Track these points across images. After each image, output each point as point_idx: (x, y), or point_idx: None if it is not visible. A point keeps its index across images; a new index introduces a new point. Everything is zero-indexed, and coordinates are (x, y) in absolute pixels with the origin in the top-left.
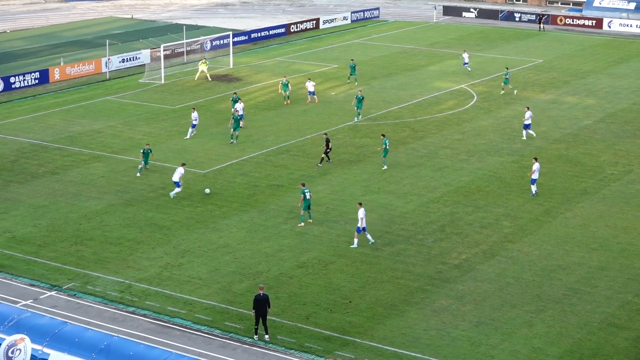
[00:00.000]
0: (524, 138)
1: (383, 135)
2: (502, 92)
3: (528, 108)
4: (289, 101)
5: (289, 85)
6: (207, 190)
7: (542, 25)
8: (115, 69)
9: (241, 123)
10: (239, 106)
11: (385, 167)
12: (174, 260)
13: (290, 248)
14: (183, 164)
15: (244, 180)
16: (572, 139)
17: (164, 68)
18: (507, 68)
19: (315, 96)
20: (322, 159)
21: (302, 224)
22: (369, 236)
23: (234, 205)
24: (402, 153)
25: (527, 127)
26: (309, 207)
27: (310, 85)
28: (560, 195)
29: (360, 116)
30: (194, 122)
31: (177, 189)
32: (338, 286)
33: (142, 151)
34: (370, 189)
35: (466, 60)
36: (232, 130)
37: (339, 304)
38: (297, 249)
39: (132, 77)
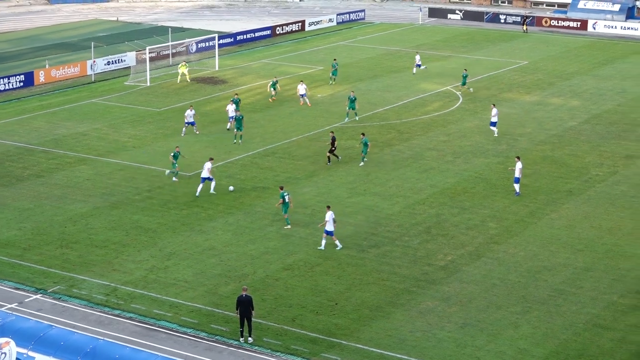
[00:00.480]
0: (496, 135)
1: (363, 134)
2: (460, 92)
3: (494, 105)
4: (274, 98)
5: (278, 84)
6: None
7: (525, 27)
8: (100, 71)
9: (228, 125)
10: (230, 107)
11: (362, 163)
12: (159, 263)
13: (276, 250)
14: (211, 159)
15: (229, 182)
16: (557, 140)
17: (150, 70)
18: (465, 70)
19: (307, 99)
20: (329, 157)
21: (289, 226)
22: (337, 241)
23: (220, 208)
24: (387, 155)
25: (493, 124)
26: (287, 210)
27: (302, 88)
28: (546, 197)
29: (357, 116)
30: (189, 120)
31: (213, 183)
32: (324, 288)
33: (172, 154)
34: (356, 191)
35: (418, 62)
36: (235, 130)
37: (325, 306)
38: (282, 251)
39: (117, 80)
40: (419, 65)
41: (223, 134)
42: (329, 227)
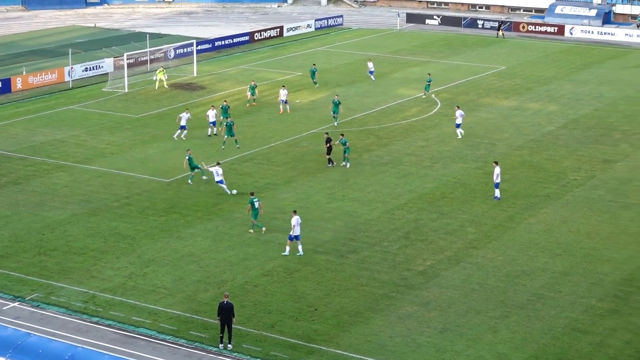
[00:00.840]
0: (460, 137)
1: (342, 135)
2: (424, 96)
3: (458, 107)
4: (254, 104)
5: (256, 89)
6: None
7: (501, 32)
8: (78, 77)
9: (209, 130)
10: (211, 113)
11: (348, 165)
12: (138, 269)
13: (255, 256)
14: (218, 163)
15: (208, 188)
16: (535, 145)
17: (128, 77)
18: (429, 74)
19: (287, 105)
20: (330, 159)
21: (264, 228)
22: (299, 247)
23: (199, 214)
24: (366, 160)
25: (458, 126)
26: (256, 216)
27: (283, 94)
28: (524, 201)
29: (336, 122)
30: (184, 124)
31: (224, 187)
32: (303, 294)
33: (187, 158)
34: (335, 197)
35: (371, 69)
36: (225, 136)
37: (305, 311)
38: (262, 257)
39: (95, 86)
40: (371, 72)
41: (202, 140)
42: (296, 231)
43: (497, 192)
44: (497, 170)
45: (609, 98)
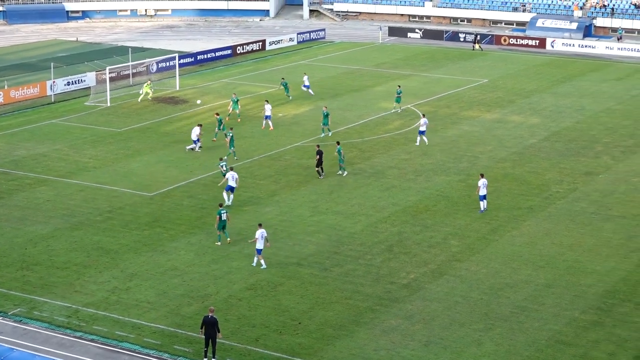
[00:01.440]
0: (417, 144)
1: (338, 143)
2: (394, 110)
3: (424, 115)
4: (239, 120)
5: (239, 102)
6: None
7: (478, 45)
8: (60, 91)
9: (194, 146)
10: (196, 130)
11: (345, 173)
12: (121, 284)
13: (238, 270)
14: (231, 168)
15: (191, 202)
16: (518, 157)
17: (110, 90)
18: (399, 86)
19: (270, 122)
20: (318, 171)
21: (219, 243)
22: (262, 261)
23: (182, 228)
24: (349, 173)
25: (422, 133)
26: (224, 227)
27: (267, 109)
28: (507, 214)
29: (329, 132)
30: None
31: (228, 198)
32: (287, 307)
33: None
34: (318, 210)
35: (306, 83)
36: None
37: (288, 325)
38: (245, 271)
39: (77, 100)
40: (307, 87)
41: (185, 154)
42: (259, 245)
43: (482, 205)
44: (481, 182)
45: (590, 110)
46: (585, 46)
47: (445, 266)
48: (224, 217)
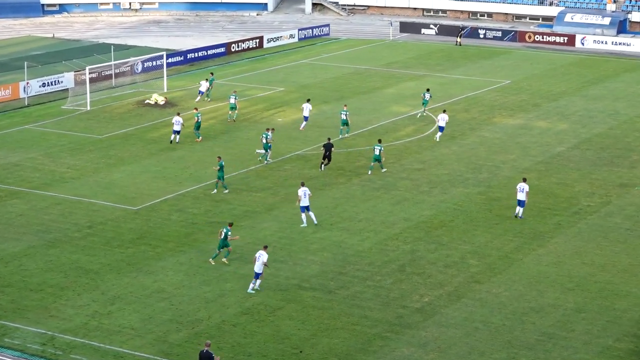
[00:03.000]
0: (437, 139)
1: (379, 141)
2: (420, 115)
3: (444, 111)
4: (234, 120)
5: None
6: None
7: (459, 39)
8: (34, 94)
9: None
10: (177, 119)
11: (370, 172)
12: (102, 308)
13: (233, 292)
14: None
15: (180, 217)
16: (544, 167)
17: (90, 93)
18: (428, 89)
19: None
20: (322, 163)
21: (212, 260)
22: (256, 284)
23: (170, 246)
24: (356, 185)
25: (441, 129)
26: (225, 247)
27: (306, 108)
28: (532, 230)
29: (341, 135)
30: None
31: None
32: (287, 334)
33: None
34: (322, 226)
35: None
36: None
37: (289, 354)
38: (240, 294)
39: (54, 104)
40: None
41: (172, 163)
42: (256, 268)
43: (520, 211)
44: (519, 185)
45: (624, 115)
46: (619, 44)
47: (463, 288)
48: (228, 237)
